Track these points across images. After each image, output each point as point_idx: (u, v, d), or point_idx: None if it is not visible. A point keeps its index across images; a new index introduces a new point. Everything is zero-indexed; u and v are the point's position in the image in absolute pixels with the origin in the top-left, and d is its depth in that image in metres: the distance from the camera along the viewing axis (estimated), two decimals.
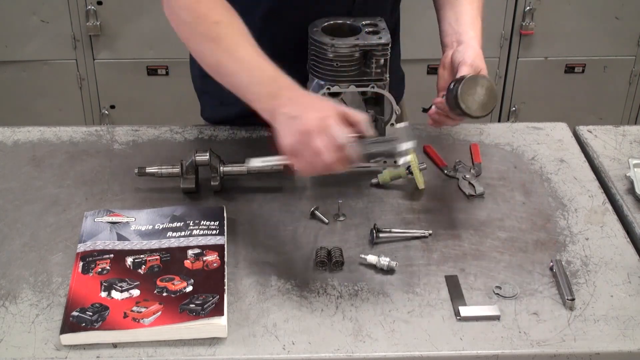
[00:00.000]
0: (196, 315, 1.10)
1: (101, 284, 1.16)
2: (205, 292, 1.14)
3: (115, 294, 1.14)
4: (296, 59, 1.42)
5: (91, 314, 1.10)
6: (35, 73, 3.00)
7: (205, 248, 1.23)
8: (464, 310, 1.15)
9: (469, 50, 1.32)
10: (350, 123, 1.13)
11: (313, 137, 1.10)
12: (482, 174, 1.46)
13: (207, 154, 1.38)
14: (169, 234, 1.26)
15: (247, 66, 1.22)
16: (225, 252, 1.23)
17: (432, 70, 2.97)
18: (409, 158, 1.29)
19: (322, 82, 1.36)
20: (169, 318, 1.10)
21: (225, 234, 1.28)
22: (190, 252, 1.22)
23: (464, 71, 1.28)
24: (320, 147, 1.10)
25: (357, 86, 1.36)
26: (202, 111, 1.68)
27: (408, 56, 1.73)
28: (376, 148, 1.24)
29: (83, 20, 2.90)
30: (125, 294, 1.14)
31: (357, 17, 1.40)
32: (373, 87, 1.36)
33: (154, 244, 1.24)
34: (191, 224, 1.28)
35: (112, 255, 1.21)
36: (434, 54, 1.47)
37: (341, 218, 1.34)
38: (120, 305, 1.12)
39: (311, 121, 1.11)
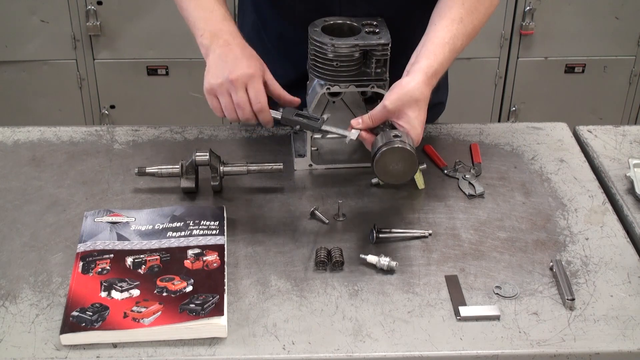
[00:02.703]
0: (196, 315, 1.10)
1: (101, 284, 1.16)
2: (205, 292, 1.14)
3: (115, 294, 1.14)
4: (299, 57, 1.43)
5: (91, 314, 1.10)
6: (35, 73, 3.00)
7: (205, 248, 1.23)
8: (464, 310, 1.15)
9: (400, 86, 1.26)
10: (268, 88, 1.30)
11: (237, 89, 1.26)
12: (482, 174, 1.46)
13: (207, 154, 1.38)
14: (169, 234, 1.26)
15: (202, 5, 1.37)
16: (225, 252, 1.23)
17: None
18: (352, 137, 1.28)
19: (322, 82, 1.36)
20: (169, 318, 1.10)
21: (225, 234, 1.28)
22: (190, 252, 1.22)
23: (374, 112, 1.26)
24: (239, 101, 1.27)
25: (357, 86, 1.36)
26: None
27: None
28: (291, 120, 1.32)
29: (83, 20, 2.90)
30: (125, 294, 1.14)
31: (357, 16, 1.40)
32: (373, 87, 1.36)
33: (154, 244, 1.24)
34: (191, 224, 1.28)
35: (112, 255, 1.21)
36: None
37: (341, 218, 1.34)
38: (120, 305, 1.12)
39: (239, 72, 1.26)
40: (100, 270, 1.18)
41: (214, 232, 1.26)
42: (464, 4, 1.34)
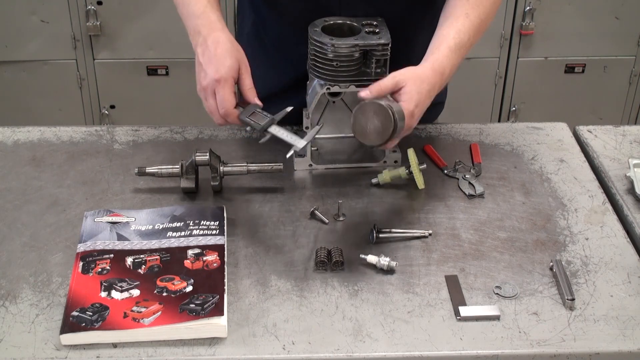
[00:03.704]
0: (196, 315, 1.10)
1: (101, 284, 1.16)
2: (205, 292, 1.14)
3: (115, 294, 1.14)
4: (299, 57, 1.43)
5: (91, 314, 1.10)
6: (35, 73, 3.00)
7: (205, 248, 1.23)
8: (464, 310, 1.15)
9: (408, 68, 1.28)
10: (240, 84, 1.33)
11: (207, 96, 1.32)
12: (482, 174, 1.46)
13: (207, 154, 1.38)
14: (169, 234, 1.26)
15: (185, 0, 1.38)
16: (225, 252, 1.23)
17: None
18: (298, 146, 1.28)
19: (322, 82, 1.36)
20: (169, 318, 1.10)
21: (225, 234, 1.28)
22: (190, 252, 1.22)
23: (382, 81, 1.26)
24: (208, 108, 1.34)
25: (357, 86, 1.36)
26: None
27: None
28: (242, 120, 1.33)
29: (83, 20, 2.90)
30: (125, 294, 1.14)
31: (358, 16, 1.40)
32: None
33: (154, 244, 1.24)
34: (191, 224, 1.28)
35: (112, 255, 1.21)
36: None
37: (341, 218, 1.34)
38: (120, 305, 1.12)
39: (207, 80, 1.30)
40: (100, 270, 1.18)
41: (214, 232, 1.26)
42: (468, 0, 1.35)
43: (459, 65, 1.35)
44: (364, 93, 1.26)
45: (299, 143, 1.28)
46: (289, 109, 1.33)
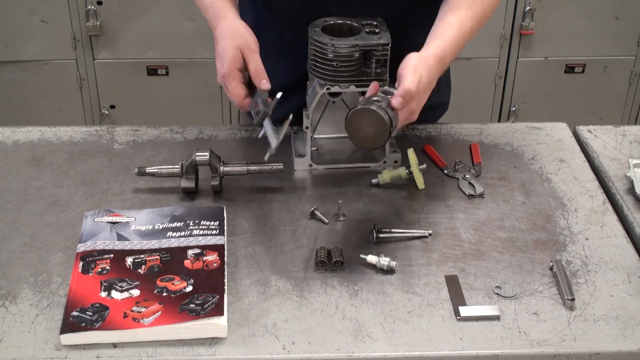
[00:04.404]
0: (196, 315, 1.10)
1: (101, 284, 1.16)
2: (205, 292, 1.14)
3: (115, 294, 1.14)
4: (299, 57, 1.43)
5: (91, 314, 1.10)
6: (35, 73, 3.00)
7: (205, 248, 1.23)
8: (464, 310, 1.15)
9: (413, 55, 1.27)
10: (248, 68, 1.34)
11: (224, 87, 1.36)
12: (482, 174, 1.46)
13: (207, 153, 1.38)
14: (169, 234, 1.26)
15: None
16: (225, 252, 1.23)
17: None
18: (272, 145, 1.29)
19: (322, 82, 1.36)
20: (169, 318, 1.10)
21: (225, 234, 1.28)
22: (190, 252, 1.22)
23: (402, 78, 1.24)
24: (229, 95, 1.36)
25: (357, 86, 1.36)
26: None
27: None
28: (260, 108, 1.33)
29: (83, 20, 2.90)
30: (125, 294, 1.14)
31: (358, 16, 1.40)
32: None
33: (154, 244, 1.24)
34: (191, 224, 1.28)
35: (112, 255, 1.21)
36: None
37: (341, 218, 1.34)
38: (120, 305, 1.12)
39: (219, 75, 1.35)
40: (100, 270, 1.18)
41: (214, 232, 1.26)
42: None
43: (458, 54, 1.36)
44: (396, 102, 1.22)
45: (273, 144, 1.29)
46: (279, 95, 1.33)
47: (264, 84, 1.33)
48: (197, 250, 1.22)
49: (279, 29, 1.53)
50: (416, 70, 1.24)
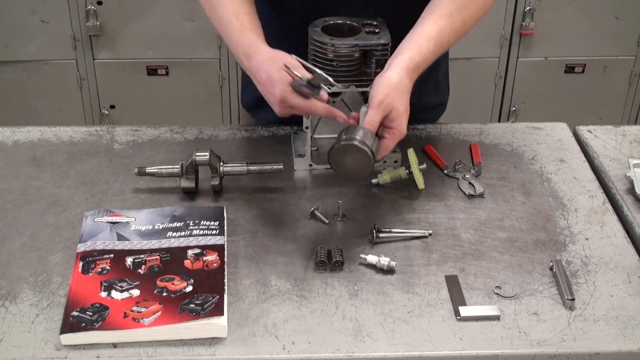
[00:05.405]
0: (196, 315, 1.10)
1: (101, 284, 1.16)
2: (205, 292, 1.14)
3: (115, 294, 1.14)
4: (300, 57, 1.43)
5: (91, 314, 1.10)
6: (35, 73, 3.00)
7: (205, 248, 1.23)
8: (464, 310, 1.15)
9: (385, 81, 1.26)
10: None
11: (287, 109, 1.28)
12: (482, 174, 1.46)
13: (207, 153, 1.38)
14: (169, 234, 1.26)
15: (224, 27, 1.37)
16: (225, 252, 1.23)
17: None
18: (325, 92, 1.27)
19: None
20: (169, 318, 1.10)
21: (225, 234, 1.28)
22: (190, 252, 1.22)
23: (371, 119, 1.24)
24: (301, 112, 1.30)
25: (357, 86, 1.36)
26: (242, 99, 1.74)
27: None
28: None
29: (83, 20, 2.90)
30: (125, 294, 1.14)
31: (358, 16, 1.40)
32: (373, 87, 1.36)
33: (154, 244, 1.24)
34: (191, 224, 1.28)
35: (112, 255, 1.21)
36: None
37: (341, 218, 1.34)
38: (120, 305, 1.12)
39: (275, 107, 1.29)
40: (100, 270, 1.18)
41: (214, 232, 1.26)
42: (454, 0, 1.34)
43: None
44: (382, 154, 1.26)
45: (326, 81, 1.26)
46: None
47: (323, 93, 1.28)
48: (197, 250, 1.22)
49: (279, 27, 1.53)
50: (406, 112, 1.26)
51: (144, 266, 1.19)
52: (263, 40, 1.34)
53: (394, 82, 1.25)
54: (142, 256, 1.21)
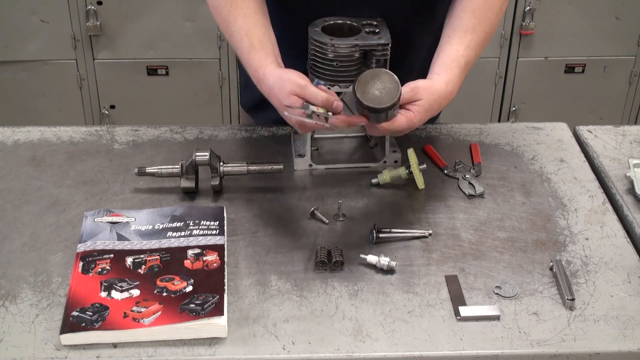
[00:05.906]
0: (196, 315, 1.10)
1: (101, 284, 1.16)
2: (205, 292, 1.14)
3: (115, 294, 1.14)
4: (300, 57, 1.43)
5: (91, 314, 1.10)
6: (35, 73, 3.00)
7: (205, 248, 1.23)
8: (464, 310, 1.15)
9: (426, 82, 1.29)
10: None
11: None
12: (482, 174, 1.46)
13: (207, 153, 1.38)
14: (169, 234, 1.26)
15: (235, 45, 1.36)
16: (225, 252, 1.23)
17: None
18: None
19: (322, 82, 1.36)
20: (169, 318, 1.10)
21: (225, 234, 1.28)
22: (190, 252, 1.22)
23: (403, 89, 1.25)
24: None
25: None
26: (242, 101, 1.74)
27: None
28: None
29: (83, 20, 2.90)
30: (125, 294, 1.14)
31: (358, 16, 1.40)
32: None
33: (154, 244, 1.24)
34: (191, 224, 1.28)
35: (112, 255, 1.21)
36: None
37: (341, 218, 1.34)
38: (120, 305, 1.12)
39: (292, 120, 1.26)
40: (100, 270, 1.18)
41: (214, 232, 1.26)
42: (474, 13, 1.35)
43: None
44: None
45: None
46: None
47: (337, 104, 1.27)
48: (197, 250, 1.22)
49: (279, 27, 1.53)
50: (427, 112, 1.27)
51: (144, 266, 1.19)
52: (272, 59, 1.32)
53: (435, 84, 1.28)
54: (142, 256, 1.21)
